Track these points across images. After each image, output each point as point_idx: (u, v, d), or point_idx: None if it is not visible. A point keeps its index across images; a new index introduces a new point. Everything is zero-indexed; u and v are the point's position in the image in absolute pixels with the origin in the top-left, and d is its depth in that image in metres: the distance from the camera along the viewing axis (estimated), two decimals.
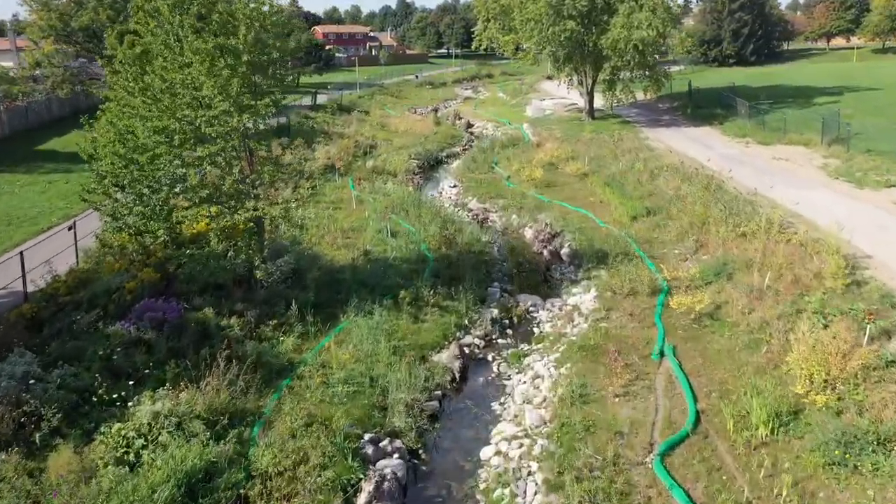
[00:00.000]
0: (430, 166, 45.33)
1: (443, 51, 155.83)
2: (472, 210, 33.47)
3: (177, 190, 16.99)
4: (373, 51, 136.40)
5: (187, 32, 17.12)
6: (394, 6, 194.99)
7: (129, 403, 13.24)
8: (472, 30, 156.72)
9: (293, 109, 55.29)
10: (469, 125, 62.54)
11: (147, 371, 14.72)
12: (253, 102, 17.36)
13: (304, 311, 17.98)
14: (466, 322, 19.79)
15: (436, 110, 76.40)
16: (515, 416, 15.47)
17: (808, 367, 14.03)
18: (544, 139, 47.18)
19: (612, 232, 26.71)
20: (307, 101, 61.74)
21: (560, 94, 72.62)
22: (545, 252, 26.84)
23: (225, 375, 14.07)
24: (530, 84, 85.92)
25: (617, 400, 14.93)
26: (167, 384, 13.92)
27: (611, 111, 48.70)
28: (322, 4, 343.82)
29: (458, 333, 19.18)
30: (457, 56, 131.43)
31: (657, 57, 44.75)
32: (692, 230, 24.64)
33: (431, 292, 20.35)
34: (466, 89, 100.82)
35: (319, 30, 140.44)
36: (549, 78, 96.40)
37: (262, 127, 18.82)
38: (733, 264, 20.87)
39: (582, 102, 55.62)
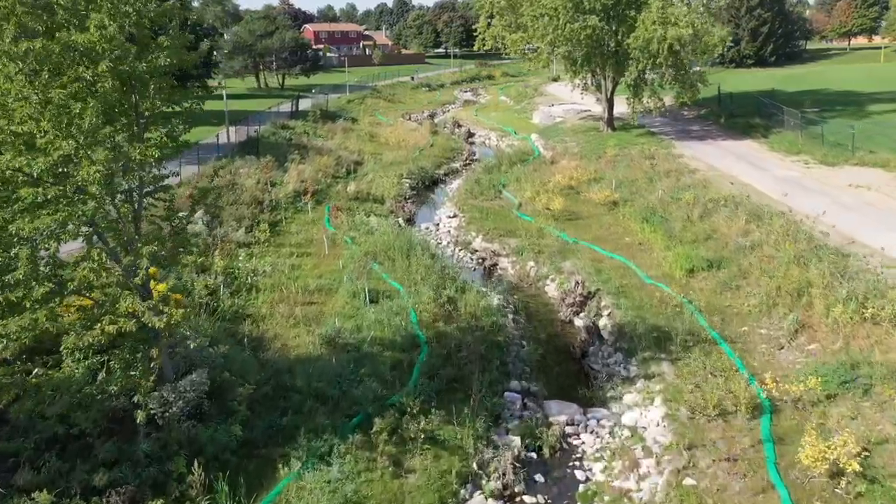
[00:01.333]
0: (426, 186, 38.59)
1: (440, 50, 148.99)
2: (476, 252, 26.76)
3: None
4: (366, 50, 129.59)
5: None
6: (390, 4, 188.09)
7: None
8: (472, 28, 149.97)
9: (268, 118, 48.46)
10: (470, 135, 55.80)
11: None
12: (126, 140, 10.55)
13: (213, 474, 11.20)
14: (475, 466, 13.03)
15: (432, 116, 69.71)
16: None
17: None
18: (559, 155, 40.46)
19: (664, 294, 20.00)
20: (289, 106, 54.80)
21: (570, 99, 65.84)
22: (577, 322, 20.07)
23: None
24: (535, 87, 79.12)
25: None
26: None
27: (633, 121, 41.87)
28: (316, 2, 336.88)
29: (462, 491, 12.41)
30: (455, 56, 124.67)
31: (692, 59, 37.99)
32: (783, 299, 17.91)
33: (422, 412, 13.59)
34: (466, 92, 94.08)
35: (310, 28, 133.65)
36: (556, 80, 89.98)
37: (153, 175, 11.98)
38: (868, 368, 14.16)
39: (598, 109, 48.92)
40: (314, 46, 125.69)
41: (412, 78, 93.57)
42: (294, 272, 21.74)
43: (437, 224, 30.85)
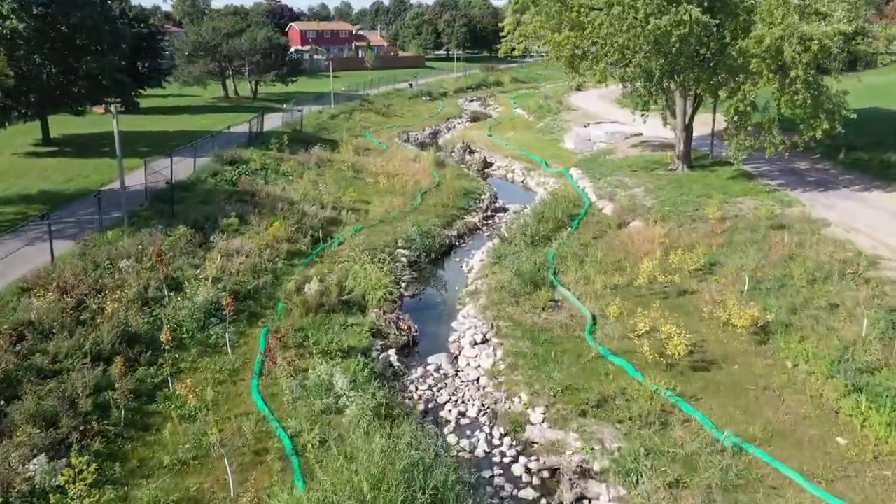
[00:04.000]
0: (433, 260, 25.86)
1: (442, 52, 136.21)
2: (537, 444, 14.01)
3: None
4: (359, 52, 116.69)
5: None
6: (386, 2, 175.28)
7: None
8: (476, 28, 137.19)
9: (222, 143, 35.58)
10: (485, 165, 43.03)
11: None
12: None
13: None
14: None
15: (435, 136, 56.97)
16: None
17: None
18: (624, 210, 27.73)
19: None
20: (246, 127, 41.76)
21: (606, 115, 53.28)
22: None
23: None
24: (557, 98, 66.25)
25: None
26: None
27: (736, 162, 28.57)
28: (307, 1, 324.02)
29: None
30: (458, 59, 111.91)
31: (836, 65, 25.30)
32: None
33: None
34: (472, 101, 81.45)
35: (297, 27, 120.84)
36: (579, 89, 77.36)
37: None
38: None
39: (655, 133, 36.44)
40: (301, 47, 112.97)
41: (410, 85, 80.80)
42: None
43: (456, 357, 18.08)
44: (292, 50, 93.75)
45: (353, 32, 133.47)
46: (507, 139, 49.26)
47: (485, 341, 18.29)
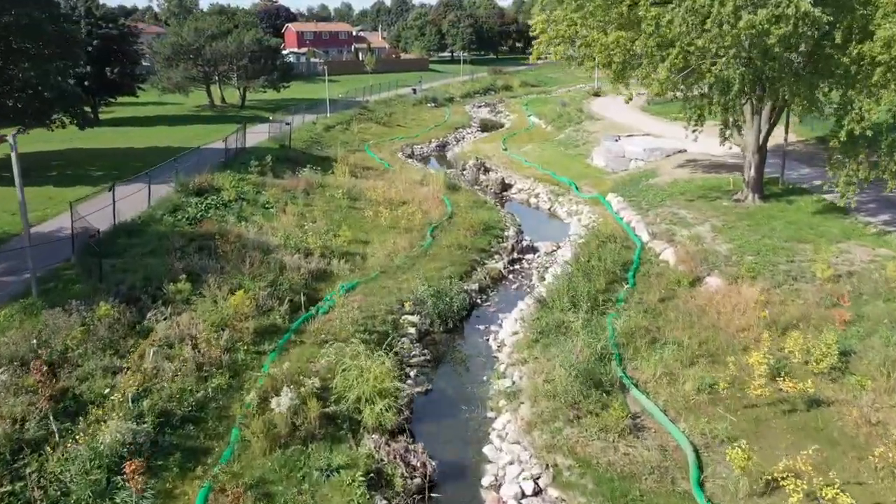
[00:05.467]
0: (450, 329, 19.82)
1: (446, 55, 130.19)
2: None
3: None
4: (360, 54, 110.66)
5: None
6: (388, 2, 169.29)
7: None
8: (482, 28, 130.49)
9: (195, 163, 29.51)
10: (504, 187, 37.03)
11: None
12: None
13: None
14: None
15: (443, 148, 51.04)
16: None
17: None
18: (692, 259, 21.58)
19: None
20: (228, 141, 35.50)
21: (637, 126, 47.18)
22: None
23: None
24: (577, 105, 60.13)
25: None
26: None
27: (843, 200, 21.86)
28: (308, 1, 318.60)
29: None
30: (464, 61, 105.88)
31: None
32: None
33: None
34: (480, 107, 75.52)
35: (293, 28, 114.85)
36: (598, 95, 71.33)
37: None
38: None
39: (699, 148, 30.55)
40: (298, 50, 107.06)
41: (414, 90, 74.77)
42: None
43: None
44: (286, 52, 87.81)
45: (353, 34, 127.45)
46: (525, 154, 43.27)
47: (537, 492, 12.25)
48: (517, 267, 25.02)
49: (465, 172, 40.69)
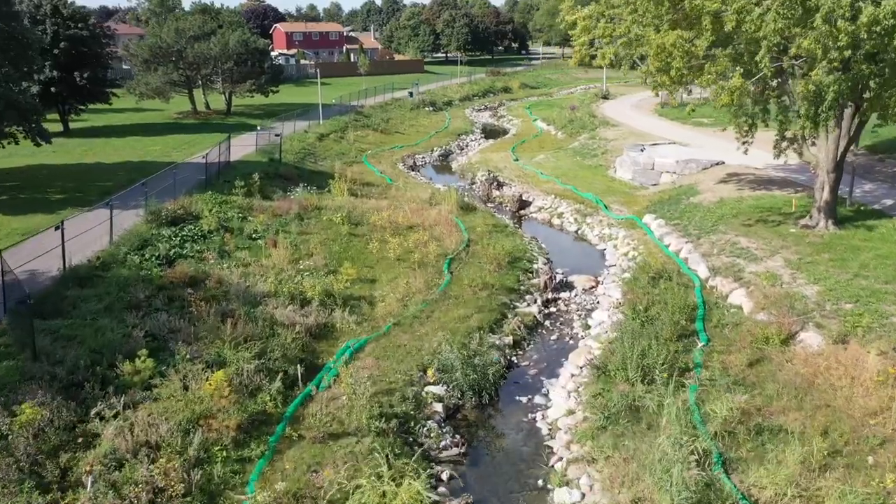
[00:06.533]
0: (485, 401, 15.78)
1: (440, 55, 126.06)
2: None
3: None
4: (351, 56, 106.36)
5: None
6: (378, 2, 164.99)
7: None
8: (478, 29, 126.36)
9: (145, 199, 25.02)
10: (521, 205, 33.04)
11: None
12: None
13: None
14: None
15: (446, 157, 47.02)
16: None
17: None
18: (773, 305, 17.62)
19: None
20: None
21: (658, 132, 43.30)
22: None
23: None
24: (588, 110, 56.21)
25: None
26: None
27: None
28: (296, 2, 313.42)
29: None
30: (462, 62, 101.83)
31: None
32: None
33: None
34: (481, 111, 71.63)
35: (281, 28, 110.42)
36: (606, 98, 67.53)
37: None
38: None
39: (738, 160, 26.86)
40: (287, 51, 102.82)
41: (410, 94, 70.70)
42: None
43: None
44: (275, 55, 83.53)
45: (344, 34, 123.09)
46: (539, 165, 39.31)
47: None
48: (553, 310, 21.02)
49: (474, 186, 36.78)
